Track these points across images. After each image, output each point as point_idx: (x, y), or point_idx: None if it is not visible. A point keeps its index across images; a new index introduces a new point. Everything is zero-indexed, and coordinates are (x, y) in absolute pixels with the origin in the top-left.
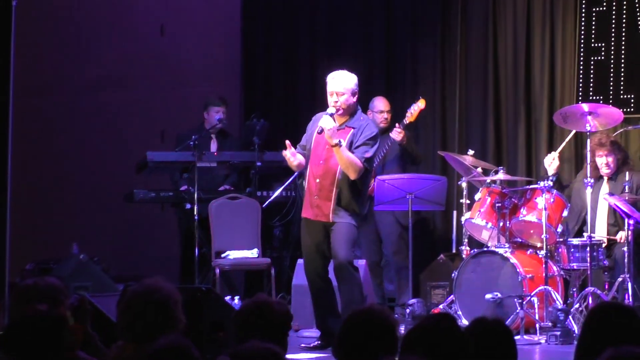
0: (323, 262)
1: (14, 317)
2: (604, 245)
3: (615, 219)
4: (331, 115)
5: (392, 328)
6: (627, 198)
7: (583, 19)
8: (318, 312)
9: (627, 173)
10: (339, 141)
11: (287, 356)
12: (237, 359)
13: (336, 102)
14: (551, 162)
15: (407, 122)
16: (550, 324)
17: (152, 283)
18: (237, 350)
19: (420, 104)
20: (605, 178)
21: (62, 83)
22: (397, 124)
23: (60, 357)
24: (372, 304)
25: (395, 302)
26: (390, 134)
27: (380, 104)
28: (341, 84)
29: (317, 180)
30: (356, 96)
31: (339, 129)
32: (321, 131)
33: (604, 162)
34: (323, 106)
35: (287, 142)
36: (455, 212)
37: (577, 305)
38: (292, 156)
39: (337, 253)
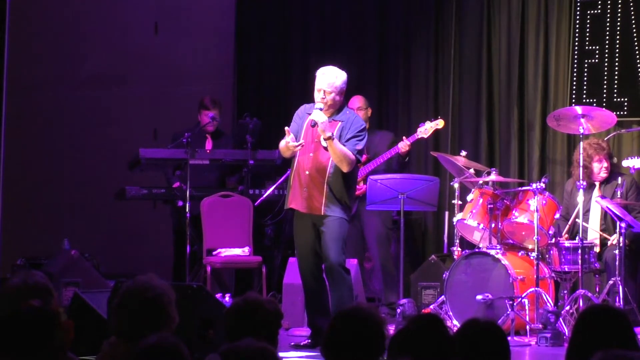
0: (316, 261)
1: (3, 313)
2: (595, 248)
3: (607, 223)
4: (320, 109)
5: (379, 326)
6: (618, 202)
7: (578, 22)
8: (310, 310)
9: (619, 177)
10: (332, 134)
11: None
12: (230, 357)
13: (323, 98)
14: None
15: (419, 137)
16: (540, 325)
17: (145, 280)
18: (230, 348)
19: (440, 123)
20: (598, 183)
21: (55, 80)
22: (404, 137)
23: (50, 354)
24: (359, 302)
25: (380, 301)
26: (399, 144)
27: (356, 101)
28: (330, 82)
29: (307, 173)
30: (343, 94)
31: None
32: (314, 124)
33: (604, 165)
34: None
35: (287, 128)
36: (447, 213)
37: (567, 308)
38: (292, 141)
39: (327, 255)
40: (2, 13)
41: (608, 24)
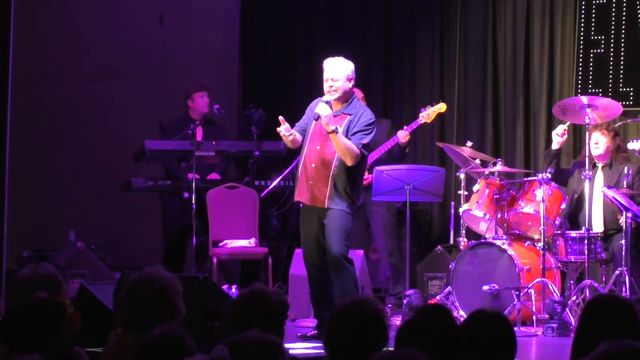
0: (319, 253)
1: (11, 305)
2: (601, 237)
3: (612, 211)
4: (327, 102)
5: (377, 317)
6: (624, 192)
7: (583, 12)
8: (315, 302)
9: (625, 167)
10: (335, 128)
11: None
12: (236, 348)
13: (331, 87)
14: (562, 133)
15: (422, 122)
16: (547, 316)
17: (152, 272)
18: (236, 339)
19: (442, 107)
20: (600, 166)
21: (61, 72)
22: (405, 127)
23: (57, 346)
24: (355, 294)
25: (387, 292)
26: (398, 134)
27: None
28: (337, 69)
29: (313, 165)
30: (352, 83)
31: (335, 116)
32: (317, 118)
33: (594, 141)
34: (320, 95)
35: (281, 117)
36: (453, 204)
37: (574, 298)
38: (286, 131)
39: (330, 246)
40: (7, 6)
41: (613, 14)
